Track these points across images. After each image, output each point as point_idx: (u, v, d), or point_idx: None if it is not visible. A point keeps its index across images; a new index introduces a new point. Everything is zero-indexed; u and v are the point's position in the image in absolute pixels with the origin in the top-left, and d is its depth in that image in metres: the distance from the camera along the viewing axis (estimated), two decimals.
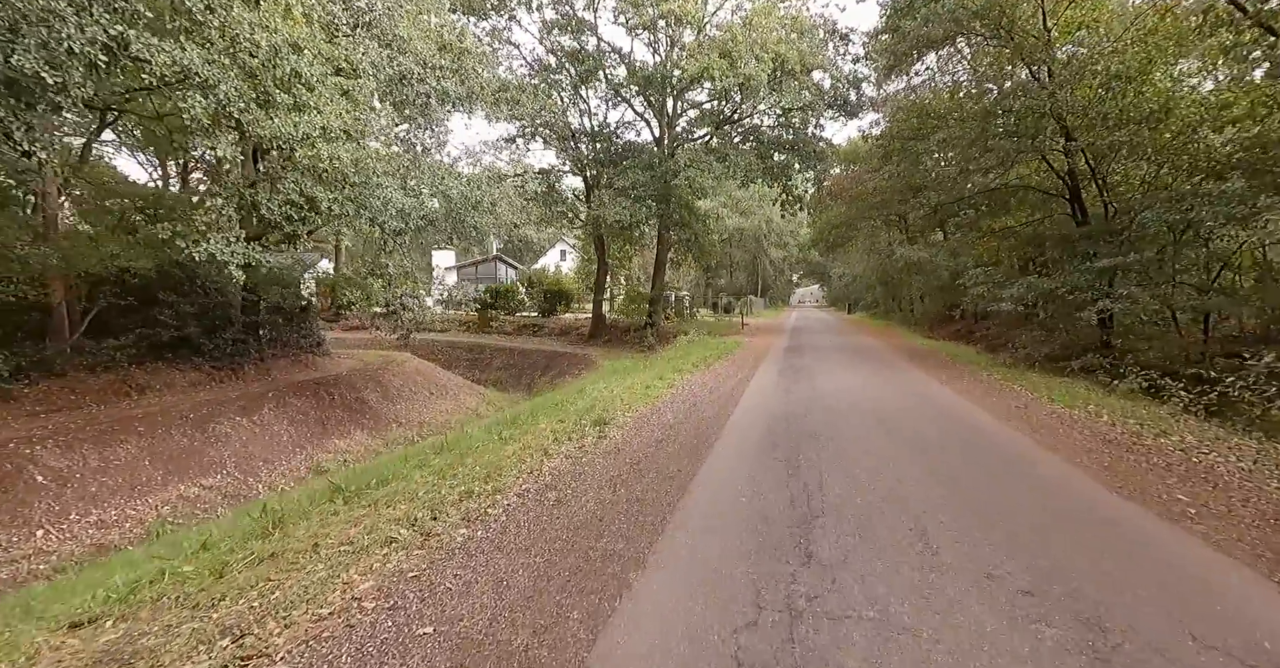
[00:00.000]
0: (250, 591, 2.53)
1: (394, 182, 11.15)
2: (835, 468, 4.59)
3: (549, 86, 19.84)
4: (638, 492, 4.07)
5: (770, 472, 4.52)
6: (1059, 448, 5.22)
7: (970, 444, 5.39)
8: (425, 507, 3.53)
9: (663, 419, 6.53)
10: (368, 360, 17.50)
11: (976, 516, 3.59)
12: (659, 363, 12.30)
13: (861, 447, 5.24)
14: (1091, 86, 9.35)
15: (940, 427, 6.13)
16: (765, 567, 2.93)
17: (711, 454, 5.08)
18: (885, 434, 5.73)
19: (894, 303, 36.87)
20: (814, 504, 3.76)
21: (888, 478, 4.32)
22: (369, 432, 12.92)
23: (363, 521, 3.25)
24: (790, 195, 20.91)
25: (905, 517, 3.56)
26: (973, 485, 4.15)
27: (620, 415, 6.61)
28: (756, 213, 53.80)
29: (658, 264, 24.59)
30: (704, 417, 6.65)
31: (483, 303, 29.44)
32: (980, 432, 5.91)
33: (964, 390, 8.42)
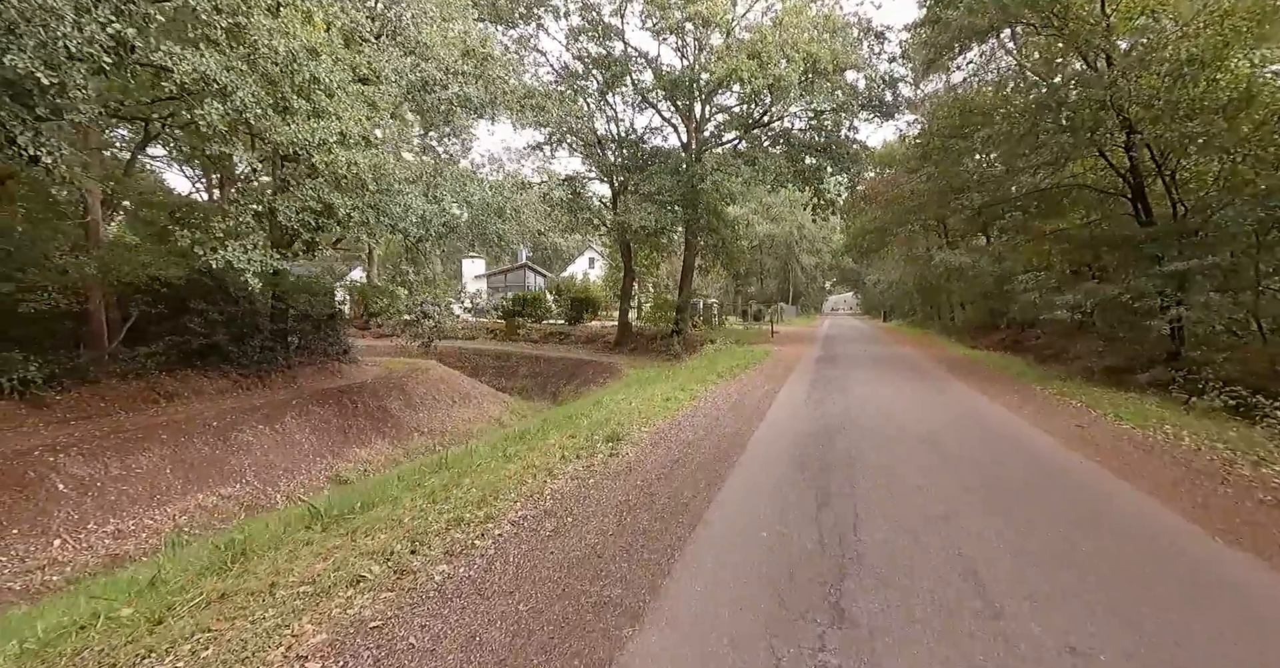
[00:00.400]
0: (183, 644, 2.20)
1: (415, 188, 11.07)
2: (872, 500, 4.04)
3: (575, 93, 19.74)
4: (644, 523, 3.63)
5: (796, 503, 4.01)
6: (1137, 478, 4.53)
7: (1031, 472, 4.74)
8: (406, 538, 3.17)
9: (681, 436, 6.07)
10: (393, 368, 17.56)
11: (1046, 565, 3.01)
12: (683, 373, 11.82)
13: (902, 474, 4.66)
14: (1158, 74, 8.53)
15: (992, 450, 5.48)
16: (786, 627, 2.44)
17: (731, 478, 4.59)
18: (929, 459, 5.13)
19: (932, 311, 35.38)
20: (847, 546, 3.25)
21: (935, 514, 3.76)
22: (390, 440, 12.82)
23: (334, 553, 2.92)
24: (822, 199, 20.19)
25: (958, 565, 3.01)
26: (1037, 525, 3.56)
27: (636, 431, 6.18)
28: (787, 219, 52.87)
29: (684, 271, 24.14)
30: (725, 433, 6.16)
31: (509, 310, 29.50)
32: (1041, 457, 5.24)
33: (1016, 407, 7.67)
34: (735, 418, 6.94)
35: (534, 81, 18.94)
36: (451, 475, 4.45)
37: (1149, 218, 10.54)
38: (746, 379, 10.54)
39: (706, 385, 9.63)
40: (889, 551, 3.18)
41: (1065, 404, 7.83)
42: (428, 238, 11.71)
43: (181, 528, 7.82)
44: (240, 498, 8.96)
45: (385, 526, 3.31)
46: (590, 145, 21.31)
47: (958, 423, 6.68)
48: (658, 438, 5.96)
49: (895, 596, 2.70)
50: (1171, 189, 9.91)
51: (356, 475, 10.69)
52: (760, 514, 3.78)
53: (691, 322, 27.91)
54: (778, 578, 2.87)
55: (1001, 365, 12.77)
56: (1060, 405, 7.76)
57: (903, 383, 9.99)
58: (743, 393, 8.91)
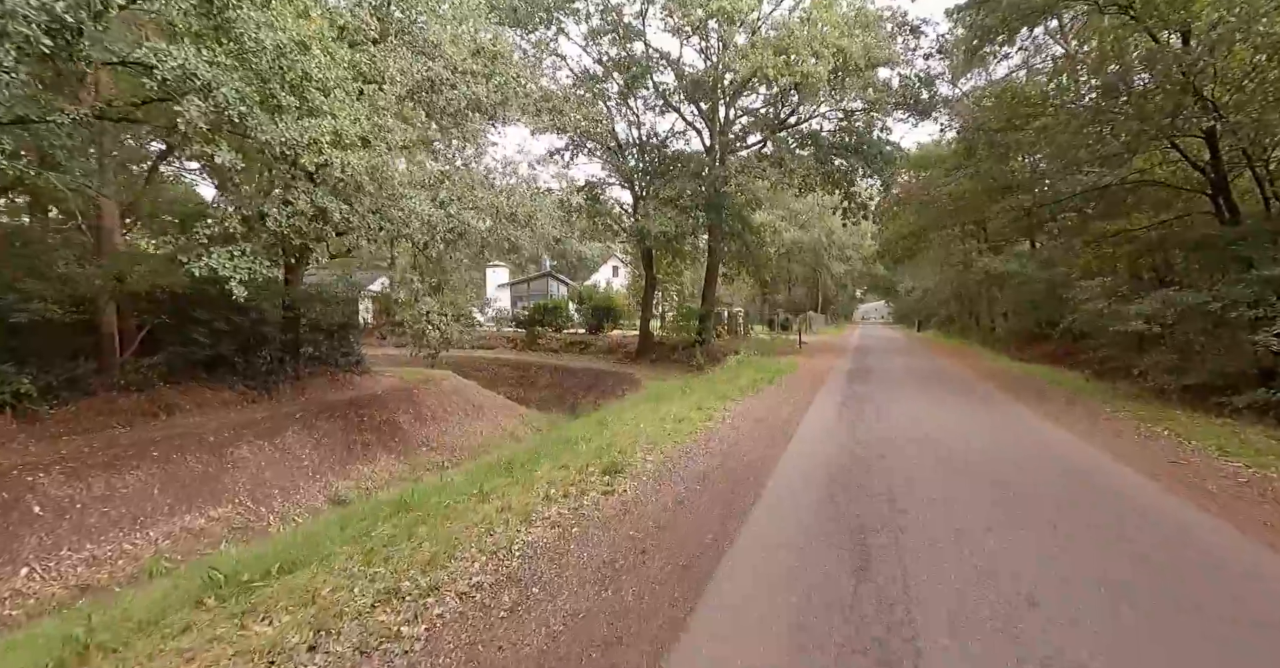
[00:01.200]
0: None
1: (420, 193, 10.57)
2: (927, 562, 3.16)
3: (594, 96, 19.23)
4: (630, 596, 2.83)
5: (828, 566, 3.15)
6: (1269, 532, 3.52)
7: (1125, 524, 3.76)
8: (313, 622, 2.44)
9: (691, 467, 5.24)
10: (407, 378, 17.16)
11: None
12: (702, 387, 10.97)
13: (962, 524, 3.74)
14: (1252, 50, 7.41)
15: (1069, 490, 4.50)
16: None
17: (746, 527, 3.76)
18: (992, 503, 4.19)
19: (971, 320, 33.58)
20: (902, 635, 2.38)
21: (1012, 587, 2.85)
22: (397, 456, 12.29)
23: (206, 652, 2.21)
24: (853, 203, 19.11)
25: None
26: (1151, 603, 2.63)
27: (640, 460, 5.38)
28: (816, 225, 51.54)
29: (708, 279, 23.32)
30: (743, 463, 5.31)
31: (529, 319, 29.08)
32: (1132, 502, 4.23)
33: (1087, 434, 6.58)
34: (756, 444, 6.07)
35: (552, 85, 18.52)
36: (408, 522, 3.73)
37: (1234, 215, 9.28)
38: (770, 396, 9.63)
39: (726, 403, 8.77)
40: (962, 646, 2.29)
41: (1146, 432, 6.70)
42: (434, 245, 11.19)
43: (163, 554, 7.34)
44: (230, 520, 8.47)
45: (295, 601, 2.59)
46: (610, 150, 20.77)
47: (1019, 453, 5.67)
48: (664, 469, 5.15)
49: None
50: (1263, 183, 8.67)
51: (357, 495, 10.15)
52: (781, 584, 2.94)
53: (716, 332, 26.99)
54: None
55: (1056, 381, 11.53)
56: (1140, 433, 6.64)
57: (948, 402, 8.93)
58: (766, 412, 8.02)
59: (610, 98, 20.00)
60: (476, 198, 11.60)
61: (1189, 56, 7.51)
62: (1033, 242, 22.65)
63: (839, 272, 57.07)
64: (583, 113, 17.89)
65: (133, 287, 10.16)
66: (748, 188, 17.23)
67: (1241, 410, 7.20)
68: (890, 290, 67.38)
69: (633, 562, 3.25)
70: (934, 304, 39.01)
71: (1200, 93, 8.15)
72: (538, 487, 4.47)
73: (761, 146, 19.86)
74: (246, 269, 7.45)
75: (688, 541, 3.57)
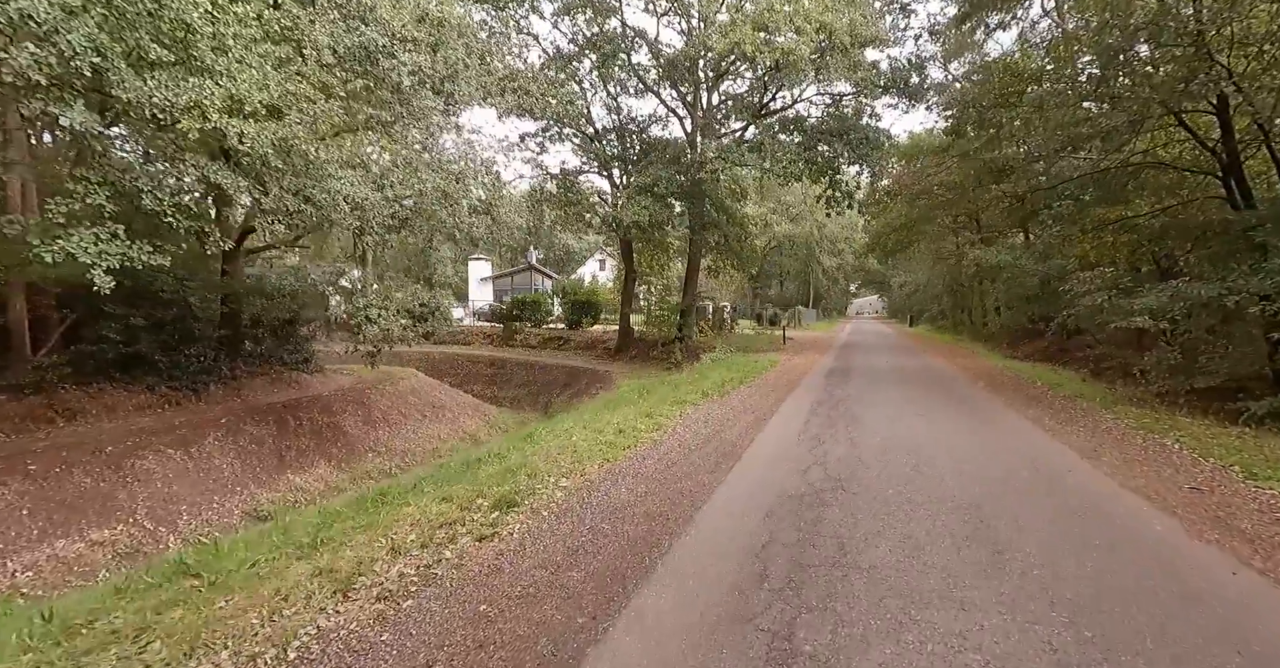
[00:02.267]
0: None
1: (352, 174, 9.52)
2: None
3: (568, 77, 18.12)
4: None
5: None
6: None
7: (1154, 600, 2.81)
8: None
9: (609, 497, 4.27)
10: (365, 377, 16.12)
11: None
12: (664, 389, 10.02)
13: (928, 607, 2.77)
14: (1270, 10, 6.45)
15: (1072, 537, 3.55)
16: None
17: (641, 593, 2.79)
18: (974, 566, 3.22)
19: (962, 315, 32.78)
20: None
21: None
22: (336, 464, 11.27)
23: None
24: (837, 191, 18.11)
25: None
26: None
27: (550, 487, 4.41)
28: (807, 218, 50.65)
29: (689, 272, 22.31)
30: (669, 495, 4.34)
31: (506, 314, 28.01)
32: (1154, 555, 3.29)
33: (1090, 450, 5.65)
34: (694, 467, 5.10)
35: (519, 64, 17.37)
36: (170, 597, 2.75)
37: (1248, 200, 8.36)
38: (735, 400, 8.67)
39: (683, 409, 7.81)
40: None
41: (1154, 445, 5.78)
42: (370, 231, 10.15)
43: (20, 589, 6.32)
44: (117, 544, 7.45)
45: None
46: (588, 136, 19.68)
47: (1013, 479, 4.73)
48: (575, 501, 4.18)
49: None
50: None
51: (282, 508, 9.15)
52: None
53: (699, 327, 26.03)
54: None
55: (1053, 382, 10.63)
56: (1150, 448, 5.71)
57: (933, 410, 7.99)
58: (724, 421, 7.05)
59: (584, 80, 18.90)
60: (420, 181, 10.54)
61: (1205, 10, 6.53)
62: (1027, 233, 21.79)
63: (830, 265, 56.23)
64: (553, 94, 16.80)
65: (29, 275, 9.08)
66: (728, 174, 16.17)
67: (1263, 419, 6.30)
68: (884, 285, 66.69)
69: (472, 657, 2.28)
70: (926, 299, 38.26)
71: (1214, 58, 7.20)
72: (395, 531, 3.48)
73: (742, 133, 18.82)
74: (119, 256, 6.41)
75: (557, 616, 2.60)
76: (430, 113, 11.66)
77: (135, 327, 10.53)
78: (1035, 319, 19.08)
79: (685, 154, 16.96)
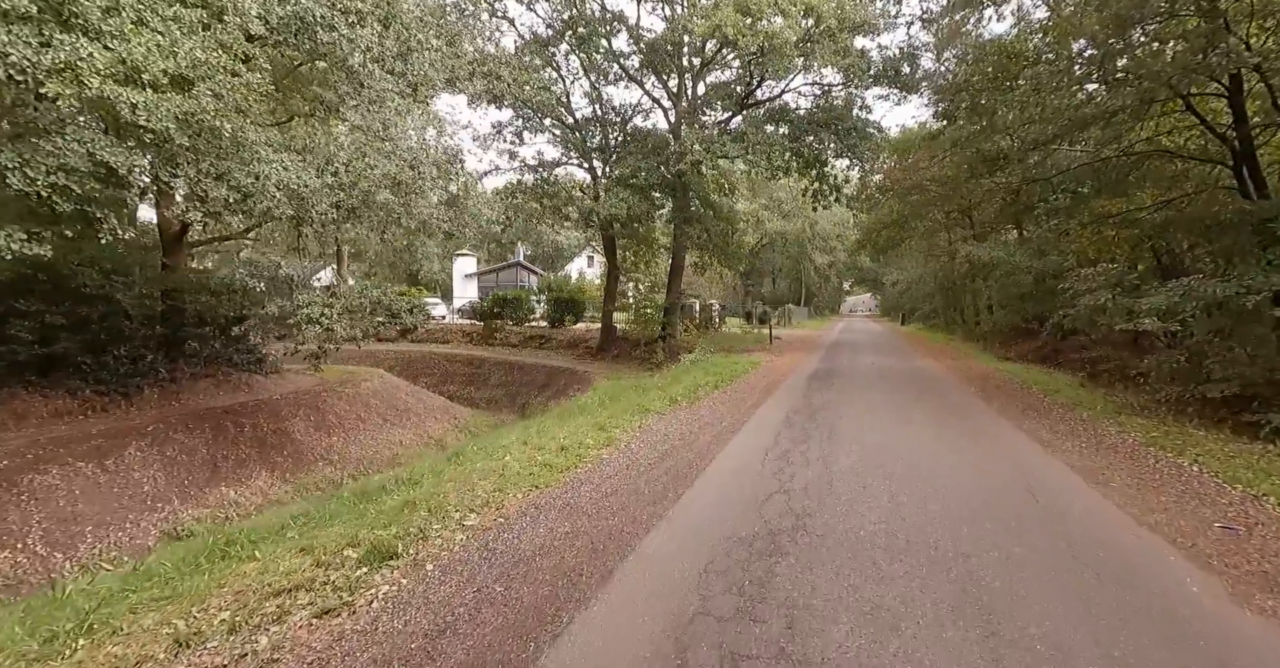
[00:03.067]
0: None
1: (293, 158, 8.65)
2: None
3: (543, 62, 17.25)
4: None
5: None
6: None
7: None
8: None
9: (515, 543, 3.48)
10: (326, 379, 15.25)
11: None
12: (631, 395, 9.25)
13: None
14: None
15: (1082, 598, 2.79)
16: None
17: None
18: (958, 637, 2.46)
19: (955, 313, 32.20)
20: None
21: None
22: (280, 474, 10.42)
23: None
24: (824, 185, 17.35)
25: None
26: None
27: (452, 527, 3.63)
28: (799, 215, 50.07)
29: (673, 268, 21.53)
30: (596, 537, 3.56)
31: (486, 311, 27.12)
32: (1211, 642, 2.53)
33: (1096, 473, 4.90)
34: (636, 496, 4.32)
35: (490, 47, 16.48)
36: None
37: (1261, 190, 7.66)
38: (705, 409, 7.89)
39: (644, 419, 7.03)
40: None
41: (1171, 466, 5.05)
42: (310, 220, 9.30)
43: None
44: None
45: None
46: (568, 127, 18.81)
47: (1009, 513, 3.98)
48: (471, 550, 3.38)
49: None
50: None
51: (209, 528, 8.31)
52: None
53: (684, 326, 25.26)
54: None
55: (1048, 388, 9.93)
56: (1164, 469, 4.98)
57: (918, 418, 7.25)
58: (687, 434, 6.27)
59: (562, 66, 18.03)
60: (369, 167, 9.67)
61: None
62: (1021, 229, 21.15)
63: (823, 263, 55.70)
64: (526, 79, 15.93)
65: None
66: (711, 165, 15.37)
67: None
68: (876, 283, 66.19)
69: None
70: (918, 297, 37.67)
71: (1231, 30, 6.46)
72: (207, 603, 2.67)
73: (728, 123, 18.01)
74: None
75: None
76: (388, 96, 10.74)
77: (53, 325, 9.62)
78: (1029, 319, 18.46)
79: (667, 145, 16.13)
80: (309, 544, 3.32)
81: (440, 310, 34.56)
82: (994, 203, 20.08)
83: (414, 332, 27.78)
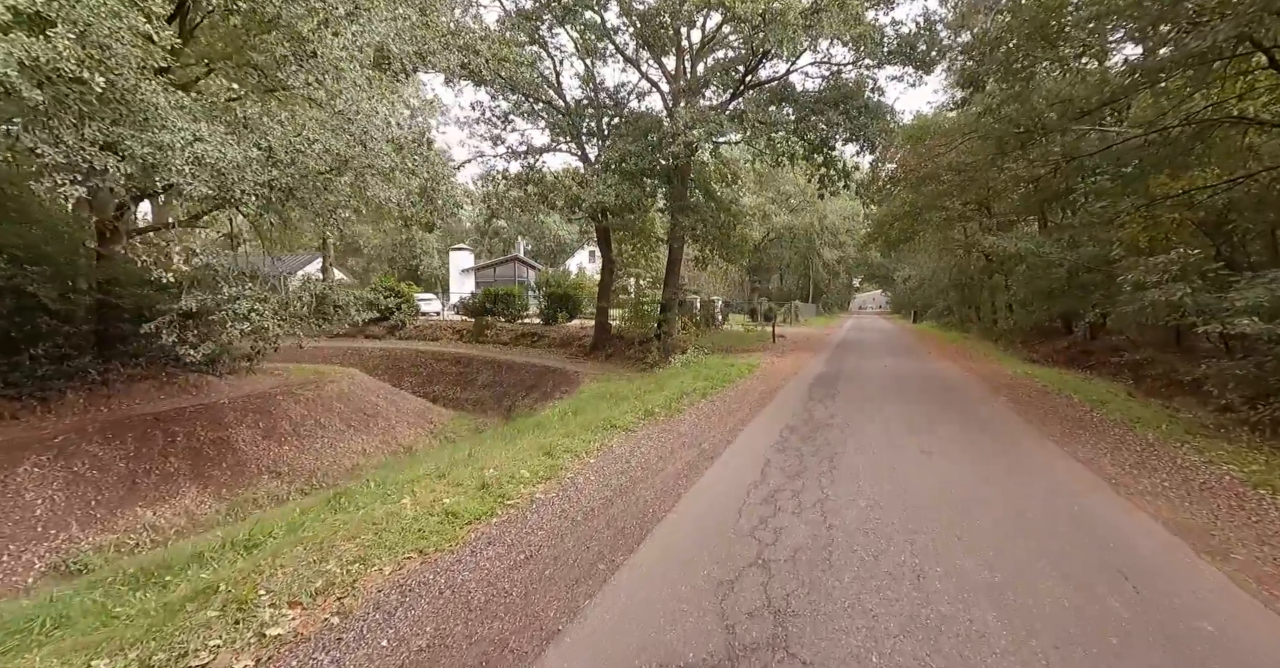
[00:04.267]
0: None
1: (211, 128, 7.43)
2: None
3: (528, 37, 15.94)
4: None
5: None
6: None
7: None
8: None
9: (392, 628, 2.21)
10: (292, 379, 14.13)
11: None
12: (602, 405, 7.98)
13: None
14: None
15: None
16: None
17: None
18: None
19: (971, 311, 30.58)
20: None
21: None
22: (215, 490, 9.26)
23: None
24: (832, 169, 15.92)
25: None
26: None
27: (232, 647, 2.34)
28: (808, 209, 48.52)
29: (670, 262, 20.18)
30: (471, 655, 2.28)
31: (478, 307, 25.92)
32: None
33: (1206, 537, 3.54)
34: (552, 573, 3.03)
35: (469, 21, 15.19)
36: None
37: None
38: (684, 424, 6.60)
39: (607, 439, 5.76)
40: None
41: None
42: (235, 201, 8.09)
43: None
44: None
45: None
46: (553, 108, 17.49)
47: (1088, 608, 2.66)
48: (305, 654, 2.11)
49: None
50: None
51: (109, 558, 7.16)
52: None
53: (681, 323, 23.93)
54: None
55: (1091, 397, 8.51)
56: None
57: (943, 440, 5.91)
58: (647, 466, 4.98)
59: (549, 43, 16.70)
60: (306, 142, 8.45)
61: None
62: (1044, 220, 19.59)
63: (831, 258, 54.07)
64: (507, 55, 14.65)
65: None
66: (706, 145, 14.02)
67: None
68: (887, 279, 64.41)
69: None
70: (932, 293, 36.06)
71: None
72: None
73: (728, 104, 16.61)
74: None
75: None
76: (344, 66, 9.45)
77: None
78: (1053, 317, 16.95)
79: (660, 126, 14.76)
80: (87, 654, 2.09)
81: (434, 306, 33.46)
82: (1017, 191, 18.59)
83: (402, 328, 26.83)
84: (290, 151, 8.15)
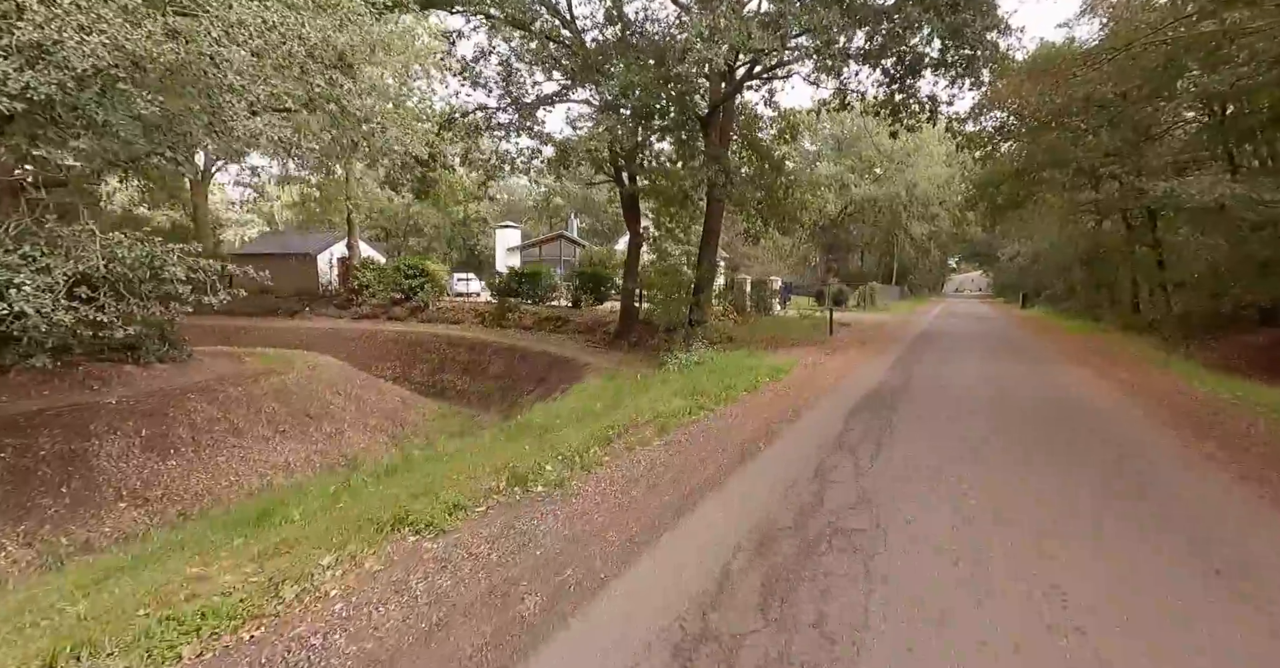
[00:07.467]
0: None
1: None
2: None
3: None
4: None
5: None
6: None
7: None
8: None
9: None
10: (243, 369, 12.19)
11: None
12: (516, 440, 4.81)
13: None
14: None
15: None
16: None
17: None
18: None
19: (1103, 293, 24.25)
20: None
21: None
22: (34, 524, 7.03)
23: None
24: (912, 98, 11.41)
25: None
26: None
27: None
28: (895, 177, 42.30)
29: (706, 232, 16.55)
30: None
31: (502, 288, 23.49)
32: None
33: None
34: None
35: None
36: None
37: None
38: (592, 487, 3.28)
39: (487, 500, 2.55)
40: None
41: None
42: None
43: None
44: None
45: None
46: (547, 38, 14.16)
47: None
48: None
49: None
50: None
51: None
52: None
53: (725, 308, 20.18)
54: None
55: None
56: None
57: (1095, 562, 2.22)
58: (469, 610, 1.73)
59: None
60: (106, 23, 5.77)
61: None
62: (1233, 167, 13.91)
63: (920, 234, 47.23)
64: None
65: None
66: (734, 48, 10.24)
67: None
68: (990, 257, 56.15)
69: None
70: (1050, 271, 29.44)
71: None
72: None
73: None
74: None
75: None
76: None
77: None
78: (1263, 300, 11.69)
79: (674, 45, 11.03)
80: None
81: (475, 286, 31.74)
82: (1192, 127, 13.24)
83: (425, 310, 25.05)
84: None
